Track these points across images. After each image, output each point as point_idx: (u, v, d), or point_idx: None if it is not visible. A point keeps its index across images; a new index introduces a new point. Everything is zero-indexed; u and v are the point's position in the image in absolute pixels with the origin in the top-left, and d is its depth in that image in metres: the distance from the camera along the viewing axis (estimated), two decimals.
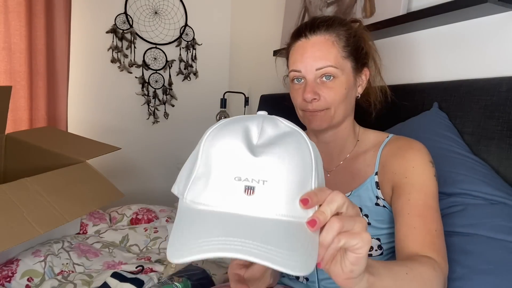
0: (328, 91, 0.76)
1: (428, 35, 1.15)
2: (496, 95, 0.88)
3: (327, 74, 0.76)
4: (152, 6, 2.37)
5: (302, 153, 0.44)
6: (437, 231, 0.67)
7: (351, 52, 0.78)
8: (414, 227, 0.66)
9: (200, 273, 1.07)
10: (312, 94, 0.76)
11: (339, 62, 0.76)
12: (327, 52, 0.75)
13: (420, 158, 0.74)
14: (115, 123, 2.36)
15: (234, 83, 2.61)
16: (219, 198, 0.41)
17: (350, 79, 0.79)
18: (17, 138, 1.46)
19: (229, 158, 0.42)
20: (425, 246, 0.64)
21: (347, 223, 0.40)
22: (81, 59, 2.22)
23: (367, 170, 0.81)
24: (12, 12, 1.83)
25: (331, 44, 0.76)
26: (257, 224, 0.39)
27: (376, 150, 0.82)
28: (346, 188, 0.83)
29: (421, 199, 0.69)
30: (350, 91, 0.80)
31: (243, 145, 0.42)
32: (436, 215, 0.69)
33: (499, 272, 0.68)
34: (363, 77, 0.83)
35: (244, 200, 0.40)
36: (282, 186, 0.41)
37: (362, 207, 0.80)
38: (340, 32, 0.77)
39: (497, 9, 0.93)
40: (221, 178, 0.42)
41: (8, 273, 1.07)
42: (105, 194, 1.26)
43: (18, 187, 1.04)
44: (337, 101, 0.77)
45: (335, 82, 0.76)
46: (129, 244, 1.41)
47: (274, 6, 2.05)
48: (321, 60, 0.75)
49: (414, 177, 0.72)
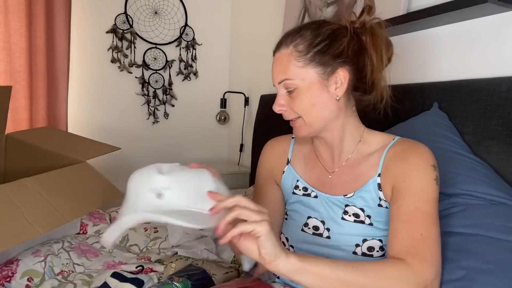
0: (293, 102, 0.80)
1: (428, 35, 1.15)
2: (496, 95, 0.88)
3: (287, 86, 0.79)
4: (152, 6, 2.37)
5: (200, 173, 0.68)
6: (422, 235, 0.68)
7: (311, 59, 0.77)
8: (398, 233, 0.70)
9: (200, 273, 1.07)
10: (278, 106, 0.82)
11: (296, 73, 0.78)
12: (283, 66, 0.79)
13: (421, 162, 0.74)
14: (115, 123, 2.36)
15: (234, 83, 2.61)
16: (139, 206, 0.63)
17: (314, 85, 0.78)
18: (17, 138, 1.46)
19: (144, 177, 0.64)
20: (403, 251, 0.67)
21: (244, 212, 0.60)
22: (81, 59, 2.22)
23: (370, 171, 0.81)
24: (12, 12, 1.83)
25: (286, 58, 0.79)
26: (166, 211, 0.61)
27: (381, 152, 0.81)
28: (349, 189, 0.83)
29: (412, 204, 0.71)
30: (318, 97, 0.78)
31: (154, 170, 0.64)
32: (428, 219, 0.70)
33: (499, 272, 0.68)
34: (340, 78, 0.78)
35: (155, 201, 0.62)
36: (183, 191, 0.64)
37: (364, 208, 0.80)
38: (300, 41, 0.78)
39: (497, 9, 0.93)
40: (138, 192, 0.64)
41: (8, 273, 1.07)
42: (105, 194, 1.26)
43: (18, 187, 1.04)
44: (304, 109, 0.79)
45: (297, 92, 0.79)
46: (129, 244, 1.41)
47: (274, 6, 2.05)
48: (279, 75, 0.80)
49: (412, 181, 0.73)
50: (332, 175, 0.87)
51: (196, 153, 2.61)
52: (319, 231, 0.84)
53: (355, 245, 0.79)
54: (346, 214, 0.81)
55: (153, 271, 1.14)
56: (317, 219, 0.84)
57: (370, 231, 0.79)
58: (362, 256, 0.78)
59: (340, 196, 0.83)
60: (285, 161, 0.95)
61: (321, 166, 0.89)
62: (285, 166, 0.94)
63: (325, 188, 0.86)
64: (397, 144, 0.81)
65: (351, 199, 0.81)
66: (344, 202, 0.82)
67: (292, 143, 0.96)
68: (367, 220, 0.79)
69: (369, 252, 0.78)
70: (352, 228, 0.80)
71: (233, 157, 2.61)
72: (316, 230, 0.84)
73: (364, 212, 0.79)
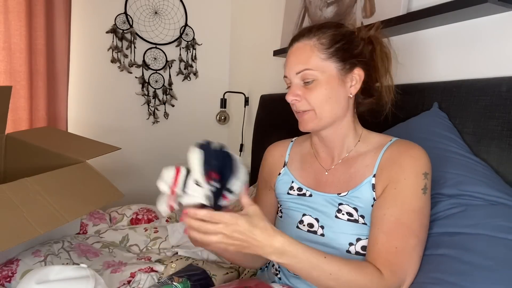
0: (309, 93, 0.80)
1: (428, 35, 1.15)
2: (496, 95, 0.88)
3: (306, 77, 0.80)
4: (152, 6, 2.37)
5: None
6: (397, 249, 0.73)
7: (334, 53, 0.80)
8: (376, 243, 0.75)
9: (200, 273, 1.07)
10: (292, 95, 0.82)
11: (318, 65, 0.79)
12: (305, 56, 0.80)
13: (414, 170, 0.76)
14: (115, 123, 2.36)
15: (234, 83, 2.61)
16: None
17: (333, 79, 0.80)
18: (17, 138, 1.46)
19: None
20: (378, 260, 0.73)
21: (201, 226, 0.65)
22: (81, 59, 2.22)
23: (365, 170, 0.82)
24: (12, 12, 1.83)
25: (309, 49, 0.80)
26: None
27: (377, 152, 0.82)
28: (343, 187, 0.84)
29: (395, 216, 0.74)
30: (335, 91, 0.81)
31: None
32: (406, 232, 0.73)
33: (499, 268, 0.69)
34: (356, 77, 0.82)
35: None
36: None
37: (358, 208, 0.80)
38: (323, 36, 0.81)
39: (497, 9, 0.93)
40: None
41: (8, 273, 1.07)
42: (105, 194, 1.26)
43: (18, 187, 1.04)
44: (319, 102, 0.80)
45: (315, 84, 0.80)
46: (129, 244, 1.41)
47: (274, 6, 2.05)
48: (299, 64, 0.81)
49: (402, 190, 0.75)
50: (329, 172, 0.88)
51: None
52: (314, 228, 0.85)
53: (348, 243, 0.80)
54: (340, 213, 0.82)
55: (153, 271, 1.14)
56: (311, 217, 0.86)
57: (364, 230, 0.79)
58: (355, 255, 0.79)
59: (333, 194, 0.84)
60: (281, 164, 0.97)
61: (318, 165, 0.91)
62: (281, 168, 0.96)
63: (320, 187, 0.88)
64: (394, 144, 0.82)
65: (345, 198, 0.82)
66: (338, 200, 0.83)
67: (290, 146, 0.98)
68: (361, 219, 0.80)
69: (362, 251, 0.79)
70: (345, 226, 0.81)
71: None
72: (310, 228, 0.85)
73: (358, 212, 0.80)
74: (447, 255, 0.75)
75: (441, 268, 0.73)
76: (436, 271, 0.73)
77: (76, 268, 0.82)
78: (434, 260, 0.75)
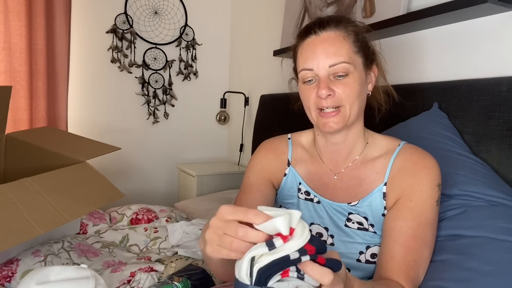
0: (343, 88, 0.73)
1: (428, 35, 1.15)
2: (496, 95, 0.88)
3: (341, 70, 0.73)
4: (152, 6, 2.37)
5: None
6: (415, 262, 0.70)
7: (360, 48, 0.76)
8: (394, 256, 0.71)
9: (200, 273, 1.07)
10: (327, 90, 0.73)
11: (352, 58, 0.73)
12: (340, 47, 0.73)
13: (429, 182, 0.73)
14: (115, 123, 2.36)
15: (234, 83, 2.61)
16: None
17: (362, 75, 0.76)
18: (17, 138, 1.46)
19: None
20: (401, 276, 0.69)
21: None
22: (81, 59, 2.22)
23: (375, 177, 0.79)
24: (12, 12, 1.83)
25: (342, 39, 0.73)
26: None
27: (388, 158, 0.79)
28: (353, 193, 0.81)
29: (412, 229, 0.72)
30: (363, 88, 0.76)
31: None
32: (422, 244, 0.72)
33: (501, 273, 0.68)
34: (372, 74, 0.80)
35: None
36: None
37: (368, 217, 0.78)
38: (349, 28, 0.75)
39: (497, 9, 0.93)
40: None
41: (8, 273, 1.07)
42: (105, 194, 1.26)
43: (18, 187, 1.04)
44: (352, 98, 0.74)
45: (349, 78, 0.73)
46: (129, 244, 1.41)
47: (274, 6, 2.05)
48: (334, 56, 0.72)
49: (418, 203, 0.73)
50: (338, 175, 0.84)
51: (196, 153, 2.61)
52: (323, 237, 0.82)
53: (359, 252, 0.78)
54: (350, 222, 0.80)
55: (153, 271, 1.14)
56: (320, 226, 0.82)
57: (373, 238, 0.78)
58: (366, 264, 0.78)
59: (344, 204, 0.80)
60: (285, 163, 0.90)
61: (325, 168, 0.85)
62: (286, 168, 0.89)
63: (328, 193, 0.83)
64: (405, 151, 0.79)
65: (355, 207, 0.79)
66: (348, 210, 0.80)
67: (290, 144, 0.91)
68: (371, 228, 0.78)
69: (372, 259, 0.77)
70: (355, 235, 0.79)
71: (233, 157, 2.61)
72: (320, 237, 0.82)
73: (368, 221, 0.78)
74: (449, 261, 0.74)
75: (443, 276, 0.72)
76: (439, 278, 0.72)
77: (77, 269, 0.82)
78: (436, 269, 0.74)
